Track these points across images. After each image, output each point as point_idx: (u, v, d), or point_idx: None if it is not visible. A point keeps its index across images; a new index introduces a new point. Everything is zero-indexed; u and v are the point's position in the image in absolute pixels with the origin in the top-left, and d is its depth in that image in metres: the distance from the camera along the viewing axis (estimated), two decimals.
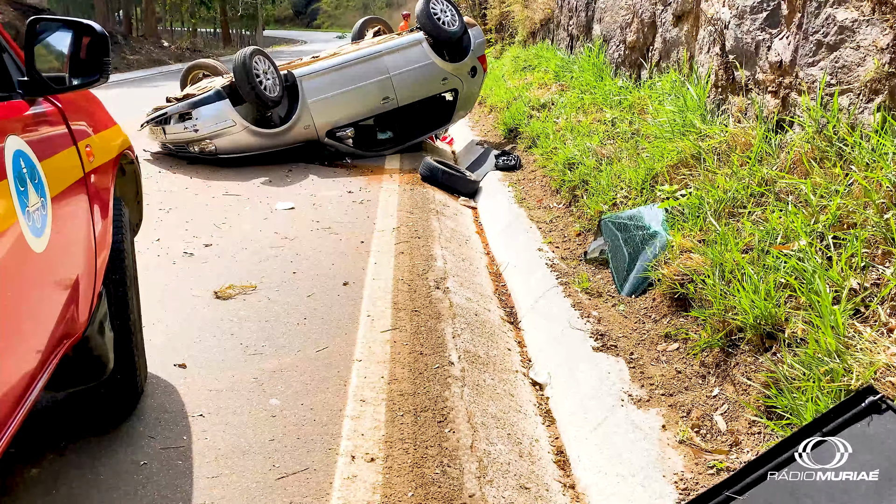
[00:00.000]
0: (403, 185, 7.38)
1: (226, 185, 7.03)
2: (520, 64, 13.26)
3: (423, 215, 6.24)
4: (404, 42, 8.84)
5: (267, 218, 5.92)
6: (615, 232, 4.62)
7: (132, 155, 3.27)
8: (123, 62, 24.33)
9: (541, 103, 9.46)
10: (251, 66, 7.56)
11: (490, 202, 7.07)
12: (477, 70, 9.49)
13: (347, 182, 7.40)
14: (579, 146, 6.52)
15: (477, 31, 9.52)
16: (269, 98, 7.69)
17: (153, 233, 5.43)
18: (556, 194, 6.43)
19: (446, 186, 7.51)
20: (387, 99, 8.67)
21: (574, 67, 9.86)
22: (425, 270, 4.80)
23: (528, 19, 14.20)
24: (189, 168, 7.69)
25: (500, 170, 7.92)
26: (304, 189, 7.00)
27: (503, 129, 9.83)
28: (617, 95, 7.30)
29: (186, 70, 9.23)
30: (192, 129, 7.55)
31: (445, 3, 9.24)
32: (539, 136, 8.11)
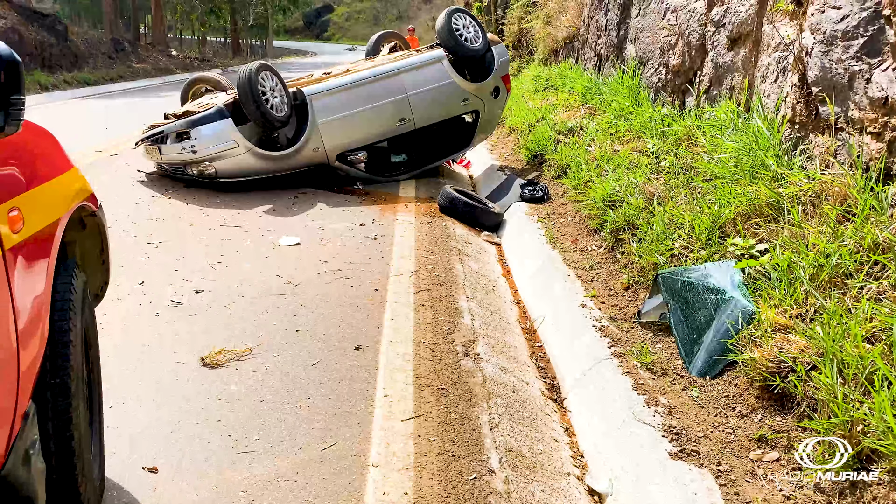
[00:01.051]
0: (420, 217, 6.68)
1: (225, 213, 6.35)
2: (541, 83, 12.60)
3: (444, 255, 5.53)
4: (423, 59, 8.18)
5: (269, 256, 5.22)
6: (678, 292, 3.90)
7: (93, 206, 2.57)
8: (129, 70, 23.81)
9: (568, 127, 8.78)
10: (257, 82, 6.90)
11: (516, 238, 6.36)
12: (500, 90, 8.82)
13: (359, 212, 6.71)
14: (620, 180, 5.82)
15: (501, 48, 8.85)
16: (275, 118, 7.02)
17: (137, 273, 4.74)
18: (594, 234, 5.72)
19: (467, 219, 6.81)
20: (403, 120, 8.00)
21: (604, 90, 9.19)
22: (450, 330, 4.08)
23: (549, 37, 13.55)
24: (185, 192, 7.00)
25: (525, 201, 7.22)
26: (312, 220, 6.31)
27: (526, 155, 9.14)
28: (659, 124, 6.60)
29: (187, 84, 8.58)
30: (191, 149, 6.88)
31: (468, 19, 8.59)
32: (569, 166, 7.41)
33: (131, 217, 6.07)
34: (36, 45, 20.05)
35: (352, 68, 8.33)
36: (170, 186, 7.20)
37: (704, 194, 4.78)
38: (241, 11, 46.37)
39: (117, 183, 7.26)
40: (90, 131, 10.76)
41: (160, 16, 32.28)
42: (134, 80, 22.77)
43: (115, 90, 19.61)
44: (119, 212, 6.21)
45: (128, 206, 6.45)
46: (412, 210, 6.98)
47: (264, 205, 6.71)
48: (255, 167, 7.16)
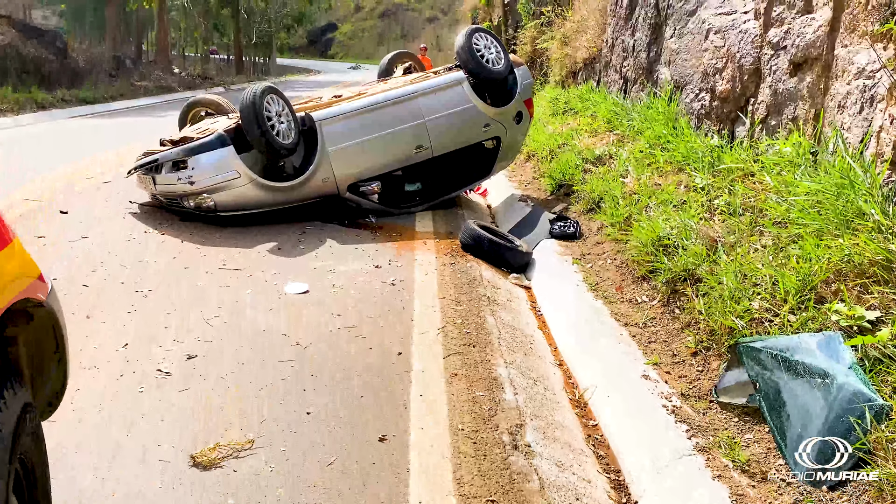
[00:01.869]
0: (441, 257, 6.01)
1: (224, 253, 5.67)
2: (559, 106, 11.99)
3: (473, 305, 4.86)
4: (442, 82, 7.55)
5: (273, 308, 4.54)
6: (767, 369, 3.22)
7: (41, 295, 1.90)
8: (130, 88, 23.25)
9: (596, 155, 8.14)
10: (262, 106, 6.25)
11: (550, 282, 5.69)
12: (523, 116, 8.18)
13: (373, 251, 6.04)
14: (671, 220, 5.15)
15: (524, 70, 8.23)
16: (282, 145, 6.37)
17: (121, 332, 4.06)
18: (642, 282, 5.04)
19: (493, 259, 6.14)
20: (420, 148, 7.35)
21: (633, 115, 8.55)
22: (492, 410, 3.40)
23: (567, 58, 12.96)
24: (181, 227, 6.34)
25: (555, 238, 6.56)
26: (321, 261, 5.64)
27: (549, 184, 8.49)
28: (707, 155, 5.95)
29: (186, 107, 7.94)
30: (187, 180, 6.22)
31: (489, 39, 7.97)
32: (603, 199, 6.76)
33: (119, 257, 5.40)
34: (34, 62, 19.50)
35: (364, 91, 7.70)
36: (164, 220, 6.53)
37: (781, 243, 4.11)
38: (245, 29, 46.03)
39: (107, 215, 6.61)
40: (83, 153, 10.12)
41: (164, 33, 31.83)
42: (134, 98, 22.18)
43: (115, 109, 19.04)
44: (106, 250, 5.54)
45: (117, 242, 5.78)
46: (431, 248, 6.31)
47: (268, 242, 6.04)
48: (259, 199, 6.50)
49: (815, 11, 5.07)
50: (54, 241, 5.71)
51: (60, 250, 5.48)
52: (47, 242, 5.66)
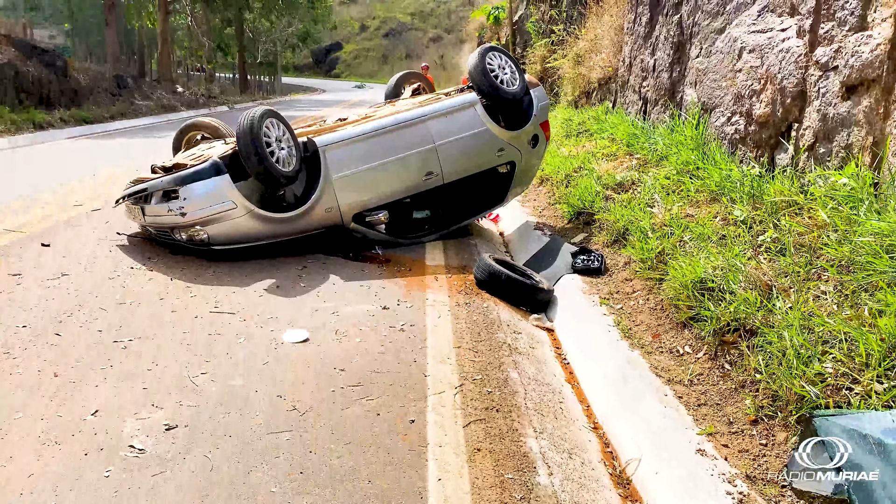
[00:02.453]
0: (454, 295, 5.48)
1: (216, 292, 5.15)
2: (573, 128, 11.51)
3: (493, 355, 4.32)
4: (454, 104, 7.06)
5: (268, 362, 4.01)
6: (858, 451, 2.68)
7: None
8: (131, 108, 22.88)
9: (617, 181, 7.63)
10: (261, 131, 5.76)
11: (575, 325, 5.15)
12: (539, 139, 7.69)
13: (380, 288, 5.51)
14: (713, 259, 4.62)
15: (540, 91, 7.75)
16: (282, 173, 5.87)
17: (93, 394, 3.53)
18: (682, 329, 4.50)
19: (511, 297, 5.61)
20: (430, 174, 6.85)
21: (655, 138, 8.06)
22: (525, 500, 2.85)
23: (580, 77, 12.50)
24: (171, 262, 5.83)
25: (577, 273, 6.04)
26: (323, 301, 5.11)
27: (567, 211, 7.97)
28: (746, 185, 5.43)
29: (180, 131, 7.45)
30: (178, 211, 5.72)
31: (504, 58, 7.49)
32: (630, 230, 6.24)
33: (100, 298, 4.88)
34: (34, 82, 19.13)
35: (371, 114, 7.21)
36: (153, 254, 6.02)
37: (847, 290, 3.58)
38: (250, 48, 45.88)
39: (92, 248, 6.10)
40: (75, 177, 9.65)
41: (167, 51, 31.54)
42: (136, 117, 21.79)
43: (114, 129, 18.64)
44: (88, 290, 5.02)
45: (100, 280, 5.27)
46: (443, 284, 5.79)
47: (265, 279, 5.52)
48: (257, 232, 5.99)
49: (872, 28, 4.57)
50: (31, 279, 5.20)
51: (35, 291, 4.96)
52: (22, 281, 5.15)
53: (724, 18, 7.00)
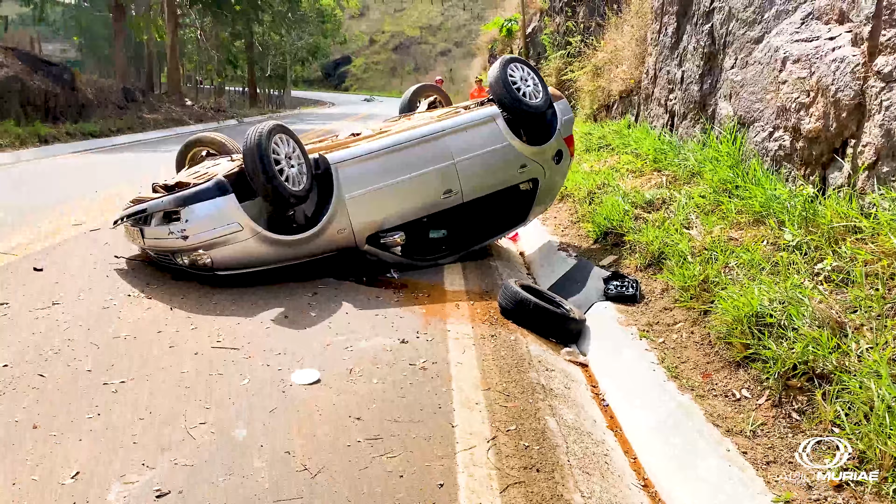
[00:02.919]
0: (478, 326, 5.03)
1: (219, 324, 4.72)
2: (593, 142, 11.07)
3: (527, 401, 3.86)
4: (474, 118, 6.63)
5: (275, 409, 3.56)
6: None
7: None
8: (139, 121, 22.60)
9: (646, 199, 7.18)
10: (269, 148, 5.34)
11: (613, 361, 4.68)
12: (563, 155, 7.26)
13: (397, 318, 5.07)
14: (769, 290, 4.16)
15: (564, 104, 7.32)
16: (291, 192, 5.45)
17: (74, 449, 3.09)
18: (737, 369, 4.03)
19: (539, 327, 5.16)
20: (449, 192, 6.42)
21: (686, 154, 7.61)
22: None
23: (600, 90, 12.07)
24: (171, 288, 5.40)
25: (610, 300, 5.58)
26: (336, 334, 4.67)
27: (593, 231, 7.52)
28: (797, 207, 4.96)
29: (184, 146, 7.06)
30: (180, 234, 5.30)
31: (526, 69, 7.08)
32: (666, 254, 5.78)
33: (92, 331, 4.46)
34: (40, 95, 18.87)
35: (385, 129, 6.79)
36: (153, 279, 5.60)
37: None
38: (260, 62, 45.77)
39: (88, 272, 5.68)
40: (77, 194, 9.27)
41: (175, 65, 31.35)
42: (143, 131, 21.50)
43: (120, 143, 18.32)
44: (78, 322, 4.60)
45: (93, 310, 4.84)
46: (465, 312, 5.34)
47: (273, 308, 5.09)
48: (264, 255, 5.56)
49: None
50: (18, 309, 4.78)
51: (22, 322, 4.54)
52: (9, 311, 4.73)
53: (761, 27, 6.57)
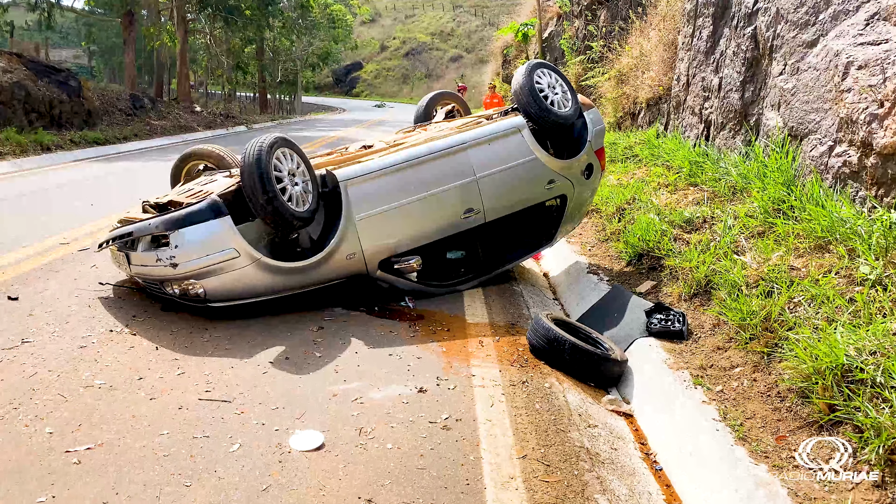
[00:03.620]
0: (506, 368, 4.41)
1: (209, 367, 4.11)
2: (619, 153, 10.43)
3: (572, 474, 3.22)
4: (497, 130, 6.01)
5: (269, 487, 2.94)
6: None
7: None
8: (146, 129, 22.13)
9: (684, 218, 6.54)
10: (270, 164, 4.74)
11: (664, 414, 4.04)
12: (593, 169, 6.63)
13: (414, 360, 4.44)
14: (855, 337, 3.51)
15: (594, 114, 6.70)
16: (295, 214, 4.85)
17: None
18: (820, 431, 3.38)
19: (576, 370, 4.52)
20: (470, 212, 5.80)
21: (728, 168, 6.96)
22: None
23: (624, 97, 11.43)
24: (160, 322, 4.81)
25: (654, 336, 4.94)
26: (343, 380, 4.05)
27: (624, 251, 6.88)
28: (877, 233, 4.31)
29: (179, 160, 6.46)
30: (169, 261, 4.70)
31: (554, 76, 6.46)
32: (715, 283, 5.14)
33: (63, 378, 3.86)
34: (45, 102, 18.42)
35: (400, 141, 6.18)
36: (140, 310, 5.01)
37: None
38: (270, 67, 45.38)
39: (68, 302, 5.09)
40: (70, 208, 8.72)
41: (185, 71, 30.93)
42: (150, 138, 21.01)
43: (125, 151, 17.83)
44: (50, 365, 4.00)
45: (67, 350, 4.24)
46: (490, 351, 4.71)
47: (271, 347, 4.48)
48: (264, 285, 4.96)
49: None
50: None
51: None
52: None
53: (816, 29, 5.92)
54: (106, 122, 21.29)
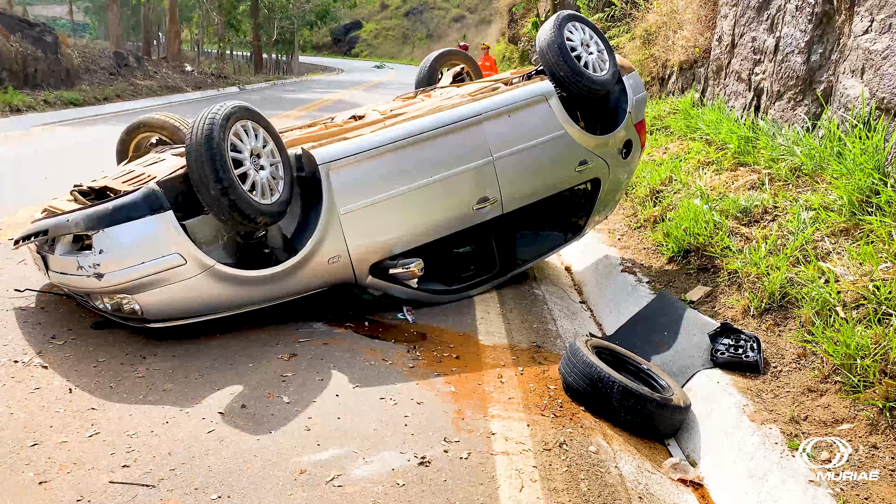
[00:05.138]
0: (535, 418, 3.33)
1: (135, 423, 3.02)
2: (647, 123, 9.22)
3: None
4: (518, 98, 4.84)
5: None
6: None
7: None
8: (130, 88, 20.77)
9: (740, 206, 5.42)
10: (224, 142, 3.59)
11: (752, 496, 2.96)
12: (632, 146, 5.49)
13: (414, 407, 3.36)
14: None
15: (635, 79, 5.53)
16: (259, 208, 3.71)
17: None
18: None
19: (627, 419, 3.45)
20: (485, 202, 4.67)
21: (789, 146, 5.80)
22: None
23: (651, 60, 10.19)
24: (86, 346, 3.70)
25: (720, 367, 3.86)
26: (318, 444, 2.97)
27: (665, 244, 5.77)
28: None
29: (126, 132, 5.24)
30: (92, 270, 3.58)
31: (588, 31, 5.26)
32: (795, 297, 4.05)
33: None
34: (17, 60, 17.09)
35: (398, 111, 5.00)
36: (62, 327, 3.91)
37: None
38: (266, 25, 43.60)
39: None
40: (18, 183, 7.56)
41: (175, 28, 29.37)
42: (134, 99, 19.68)
43: (106, 112, 16.54)
44: None
45: None
46: (513, 392, 3.62)
47: (226, 385, 3.39)
48: (220, 299, 3.84)
49: None
50: None
51: None
52: None
53: None
54: (87, 81, 19.96)
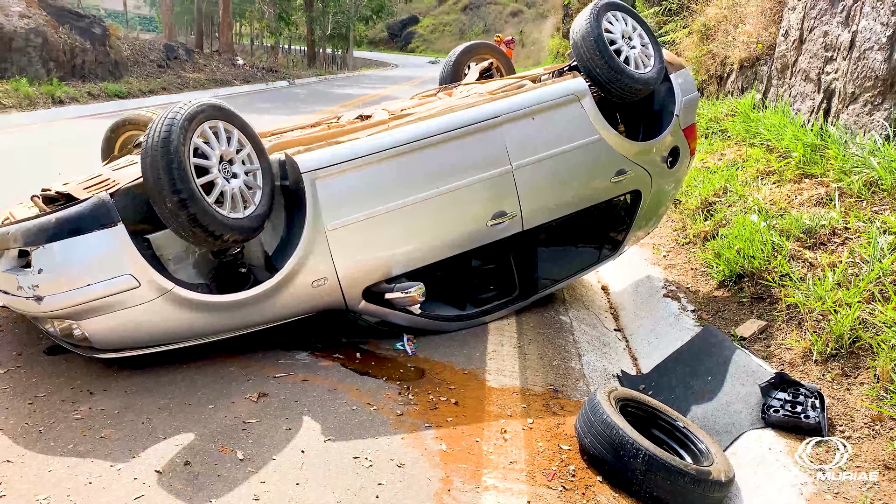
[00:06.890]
0: (539, 491, 2.71)
1: (51, 482, 2.52)
2: (701, 125, 8.41)
3: None
4: (545, 97, 4.18)
5: None
6: None
7: None
8: (177, 81, 20.72)
9: (804, 226, 4.67)
10: (185, 147, 3.05)
11: None
12: (679, 154, 4.78)
13: (393, 468, 2.78)
14: None
15: (685, 77, 4.81)
16: (226, 223, 3.17)
17: None
18: None
19: (656, 496, 2.79)
20: (501, 216, 4.04)
21: (865, 157, 5.01)
22: None
23: (709, 57, 9.36)
24: (28, 378, 3.24)
25: (773, 426, 3.17)
26: None
27: (716, 265, 5.05)
28: None
29: (111, 129, 4.82)
30: (31, 291, 3.09)
31: (631, 22, 4.57)
32: (868, 342, 3.33)
33: None
34: (65, 51, 17.12)
35: (408, 111, 4.41)
36: (12, 352, 3.45)
37: None
38: (320, 19, 43.55)
39: None
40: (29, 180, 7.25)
41: (227, 20, 29.39)
42: (180, 91, 19.58)
43: (149, 105, 16.41)
44: None
45: None
46: (517, 452, 3.00)
47: (175, 433, 2.87)
48: (182, 327, 3.32)
49: None
50: None
51: None
52: None
53: None
54: (135, 73, 19.97)
